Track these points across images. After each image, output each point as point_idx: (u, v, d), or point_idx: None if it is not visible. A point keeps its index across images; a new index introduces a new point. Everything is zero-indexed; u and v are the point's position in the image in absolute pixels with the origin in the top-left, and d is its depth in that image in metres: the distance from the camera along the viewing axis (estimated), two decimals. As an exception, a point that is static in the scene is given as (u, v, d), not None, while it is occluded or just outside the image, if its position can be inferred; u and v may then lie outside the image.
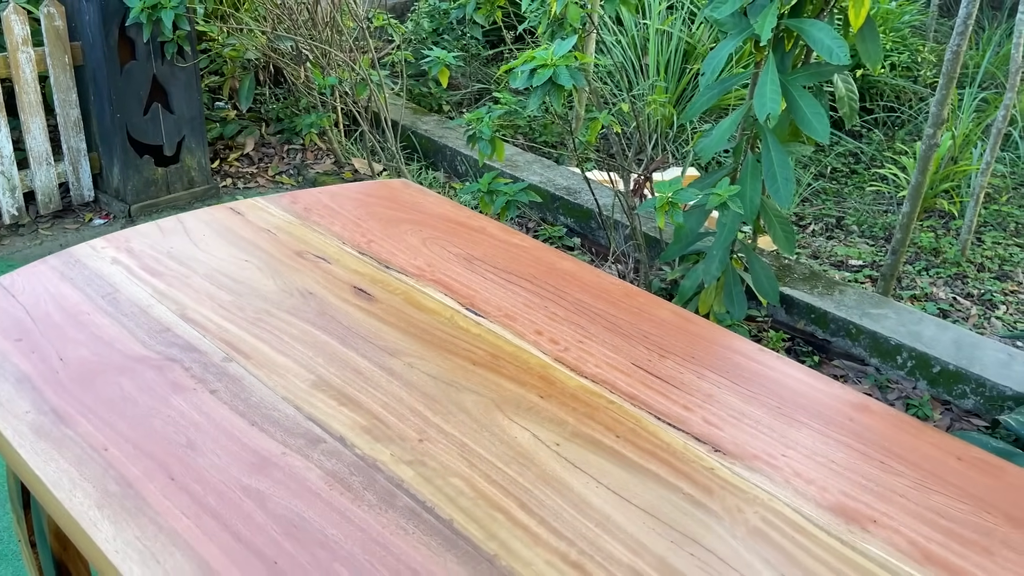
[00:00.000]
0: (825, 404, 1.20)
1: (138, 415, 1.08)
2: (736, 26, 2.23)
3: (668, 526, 0.98)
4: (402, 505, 0.98)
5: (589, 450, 1.08)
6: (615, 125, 2.21)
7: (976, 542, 0.98)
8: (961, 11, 2.90)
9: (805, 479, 1.06)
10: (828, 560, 0.95)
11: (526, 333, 1.31)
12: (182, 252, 1.45)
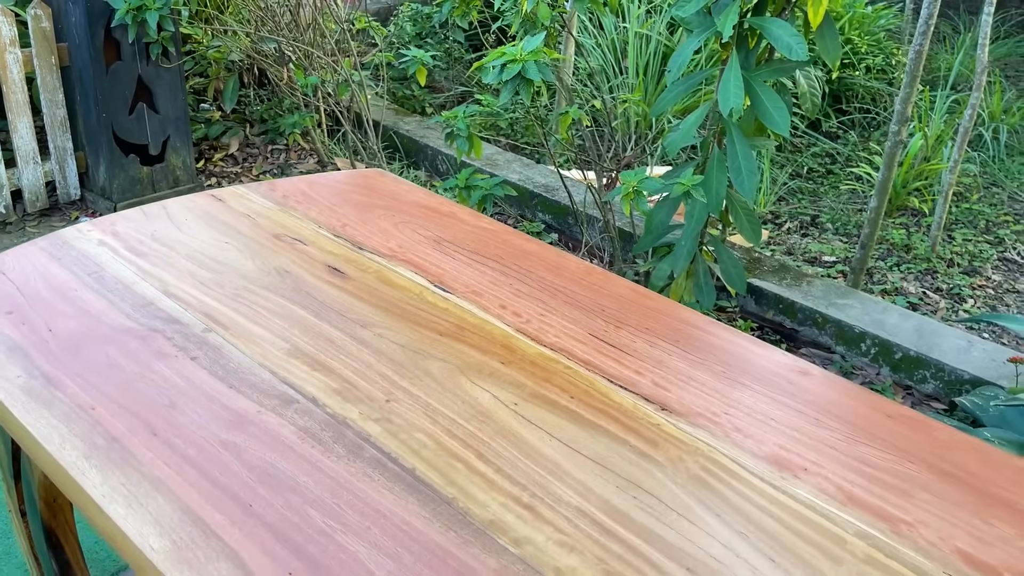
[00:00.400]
0: (768, 369, 1.28)
1: (123, 379, 1.16)
2: (701, 24, 2.32)
3: (615, 473, 1.06)
4: (368, 456, 1.06)
5: (545, 409, 1.16)
6: (584, 120, 2.29)
7: (896, 487, 1.07)
8: (923, 12, 3.00)
9: (744, 433, 1.14)
10: (760, 502, 1.03)
11: (491, 307, 1.39)
12: (165, 235, 1.53)
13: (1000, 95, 5.25)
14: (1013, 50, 6.62)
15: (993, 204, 4.29)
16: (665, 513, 1.01)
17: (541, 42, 1.98)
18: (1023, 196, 4.51)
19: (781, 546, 0.97)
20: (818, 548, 0.97)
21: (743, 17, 2.31)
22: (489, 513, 0.99)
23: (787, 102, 2.44)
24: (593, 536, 0.97)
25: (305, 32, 3.62)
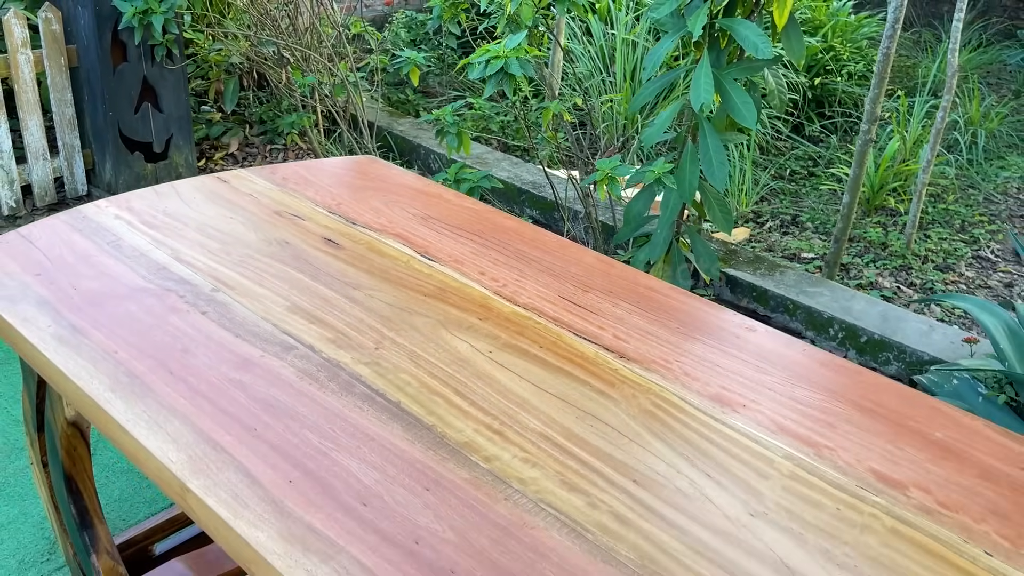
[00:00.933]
0: (719, 326, 1.43)
1: (141, 329, 1.31)
2: (674, 26, 2.48)
3: (575, 407, 1.21)
4: (359, 392, 1.21)
5: (516, 356, 1.31)
6: (565, 114, 2.44)
7: (823, 420, 1.22)
8: (889, 16, 3.17)
9: (692, 377, 1.29)
10: (701, 431, 1.18)
11: (471, 273, 1.54)
12: (175, 211, 1.68)
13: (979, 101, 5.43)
14: (994, 57, 6.80)
15: (969, 205, 4.45)
16: (617, 438, 1.15)
17: (522, 40, 2.14)
18: (999, 198, 4.68)
19: (716, 464, 1.12)
20: (749, 466, 1.12)
21: (714, 19, 2.47)
22: (463, 437, 1.13)
23: (756, 99, 2.60)
24: (553, 455, 1.11)
25: (303, 36, 3.78)
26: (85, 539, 1.63)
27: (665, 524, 1.02)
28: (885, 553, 1.00)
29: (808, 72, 5.40)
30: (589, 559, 0.96)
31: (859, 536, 1.02)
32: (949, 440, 1.20)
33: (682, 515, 1.03)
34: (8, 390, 2.45)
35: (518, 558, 0.96)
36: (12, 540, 1.98)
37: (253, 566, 0.96)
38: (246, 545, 0.96)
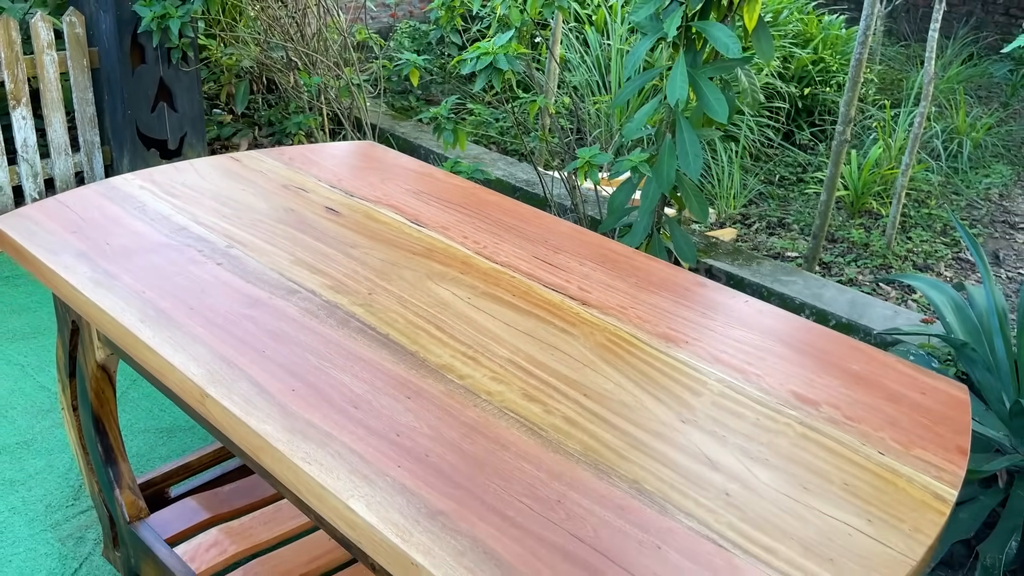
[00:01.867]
0: (673, 282, 1.62)
1: (165, 275, 1.50)
2: (652, 28, 2.68)
3: (539, 340, 1.40)
4: (354, 326, 1.40)
5: (491, 302, 1.50)
6: (550, 107, 2.64)
7: (754, 353, 1.41)
8: (861, 25, 3.37)
9: (643, 320, 1.48)
10: (647, 359, 1.37)
11: (455, 237, 1.73)
12: (194, 183, 1.88)
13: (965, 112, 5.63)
14: (983, 71, 7.01)
15: (953, 210, 4.64)
16: (574, 364, 1.34)
17: (510, 38, 2.34)
18: (981, 204, 4.87)
19: (657, 384, 1.31)
20: (684, 386, 1.31)
21: (689, 21, 2.67)
22: (442, 360, 1.33)
23: (730, 97, 2.80)
24: (518, 375, 1.30)
25: (310, 42, 4.00)
26: (110, 475, 1.82)
27: (608, 426, 1.21)
28: (794, 451, 1.19)
29: (799, 83, 5.61)
30: (542, 450, 1.15)
31: (773, 439, 1.21)
32: (863, 371, 1.39)
33: (623, 420, 1.22)
34: (33, 360, 2.65)
35: (483, 448, 1.15)
36: (40, 488, 2.17)
37: (261, 453, 1.15)
38: (255, 435, 1.15)
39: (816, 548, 1.03)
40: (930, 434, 1.25)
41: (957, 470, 1.18)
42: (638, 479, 1.11)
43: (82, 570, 1.94)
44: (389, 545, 1.00)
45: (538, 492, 1.08)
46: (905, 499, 1.12)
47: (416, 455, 1.13)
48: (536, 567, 0.97)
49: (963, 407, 1.32)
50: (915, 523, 1.08)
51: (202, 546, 1.81)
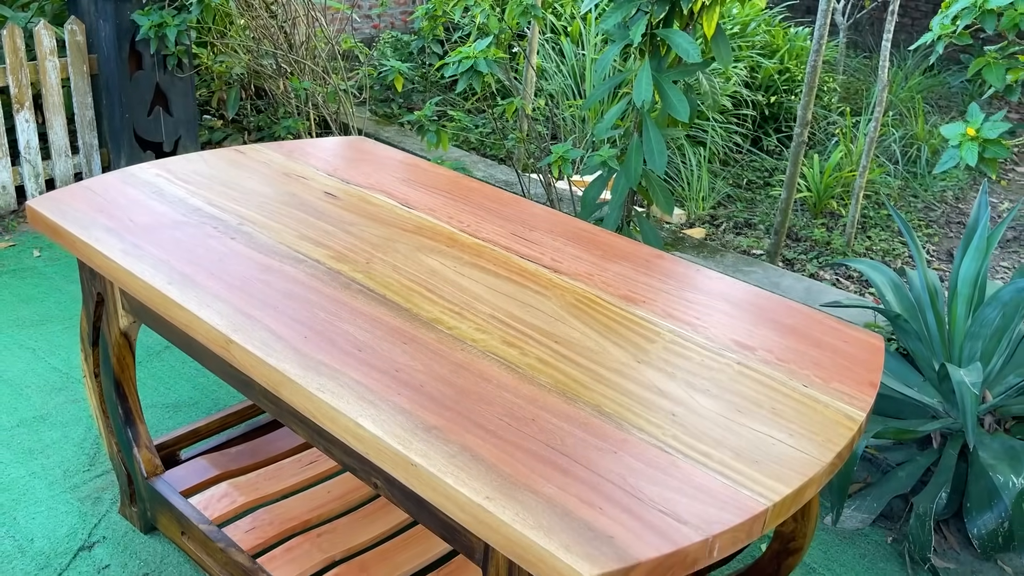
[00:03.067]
0: (635, 255, 1.84)
1: (186, 247, 1.70)
2: (620, 35, 2.91)
3: (517, 300, 1.61)
4: (355, 288, 1.60)
5: (475, 270, 1.71)
6: (527, 107, 2.86)
7: (702, 311, 1.63)
8: (815, 34, 3.62)
9: (607, 284, 1.70)
10: (609, 314, 1.58)
11: (442, 217, 1.94)
12: (204, 172, 2.08)
13: (924, 120, 5.92)
14: (942, 81, 7.33)
15: (910, 211, 4.91)
16: (547, 318, 1.56)
17: (489, 44, 2.56)
18: (937, 206, 5.14)
19: (617, 334, 1.53)
20: (642, 336, 1.53)
21: (654, 29, 2.91)
22: (432, 315, 1.53)
23: (691, 99, 3.03)
24: (499, 328, 1.52)
25: (299, 50, 4.20)
26: (129, 435, 2.01)
27: (574, 365, 1.42)
28: (731, 384, 1.41)
29: (766, 91, 5.88)
30: (519, 382, 1.36)
31: (714, 375, 1.43)
32: (795, 324, 1.61)
33: (588, 361, 1.44)
34: (43, 344, 2.83)
35: (469, 381, 1.36)
36: (57, 455, 2.35)
37: (280, 387, 1.36)
38: (276, 372, 1.36)
39: (745, 454, 1.25)
40: (847, 372, 1.47)
41: (867, 398, 1.40)
42: (599, 404, 1.33)
43: (101, 525, 2.12)
44: (392, 451, 1.20)
45: (515, 413, 1.29)
46: (821, 419, 1.34)
47: (412, 386, 1.34)
48: (514, 465, 1.18)
49: (878, 352, 1.54)
50: (828, 436, 1.30)
51: (214, 497, 2.00)
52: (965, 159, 1.55)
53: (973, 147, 1.50)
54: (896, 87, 6.58)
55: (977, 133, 1.47)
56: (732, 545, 1.12)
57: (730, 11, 6.19)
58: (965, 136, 1.52)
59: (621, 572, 1.03)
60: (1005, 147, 1.53)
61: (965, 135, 1.51)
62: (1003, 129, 1.48)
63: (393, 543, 1.94)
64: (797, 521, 1.71)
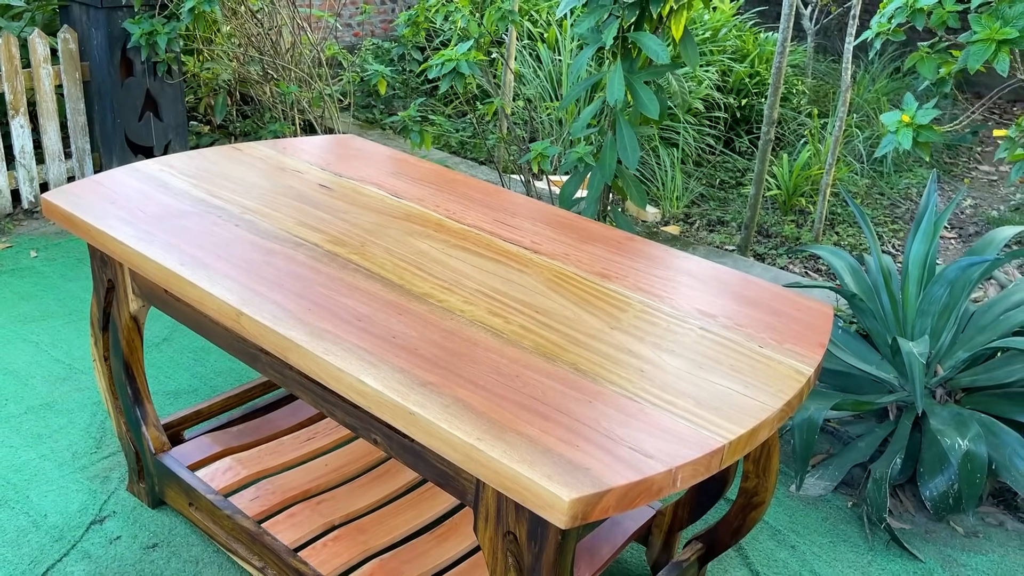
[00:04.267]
0: (609, 238, 2.00)
1: (194, 234, 1.84)
2: (593, 38, 3.08)
3: (500, 276, 1.76)
4: (351, 268, 1.75)
5: (461, 251, 1.87)
6: (506, 107, 3.02)
7: (669, 285, 1.79)
8: (780, 35, 3.81)
9: (584, 263, 1.86)
10: (586, 288, 1.74)
11: (429, 206, 2.09)
12: (205, 167, 2.22)
13: (887, 119, 6.15)
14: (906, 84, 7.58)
15: (876, 208, 5.11)
16: (528, 292, 1.71)
17: (470, 47, 2.72)
18: (902, 202, 5.35)
19: (591, 304, 1.68)
20: (613, 306, 1.68)
21: (625, 32, 3.07)
22: (423, 291, 1.68)
23: (662, 99, 3.20)
24: (484, 300, 1.67)
25: (284, 56, 4.34)
26: (137, 414, 2.14)
27: (553, 331, 1.58)
28: (694, 345, 1.57)
29: (737, 95, 6.08)
30: (504, 346, 1.52)
31: (679, 338, 1.59)
32: (754, 296, 1.78)
33: (565, 327, 1.59)
34: (46, 338, 2.95)
35: (458, 345, 1.51)
36: (64, 439, 2.47)
37: (288, 352, 1.50)
38: (284, 339, 1.50)
39: (706, 402, 1.40)
40: (799, 335, 1.64)
41: (816, 356, 1.56)
42: (576, 363, 1.48)
43: (110, 502, 2.25)
44: (392, 403, 1.35)
45: (501, 371, 1.44)
46: (775, 373, 1.50)
47: (408, 349, 1.48)
48: (501, 413, 1.33)
49: (827, 318, 1.71)
50: (779, 387, 1.46)
51: (218, 470, 2.13)
52: (902, 143, 1.72)
53: (908, 132, 1.67)
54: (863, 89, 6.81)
55: (911, 120, 1.64)
56: (693, 476, 1.27)
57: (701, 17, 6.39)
58: (901, 123, 1.69)
59: (596, 496, 1.19)
60: (936, 132, 1.69)
61: (901, 122, 1.68)
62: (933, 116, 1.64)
63: (389, 508, 2.08)
64: (759, 477, 1.87)
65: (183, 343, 2.99)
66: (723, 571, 2.20)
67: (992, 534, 2.40)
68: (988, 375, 2.51)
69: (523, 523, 1.35)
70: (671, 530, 2.08)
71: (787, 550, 2.29)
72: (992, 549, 2.34)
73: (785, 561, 2.25)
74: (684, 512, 2.04)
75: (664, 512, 2.08)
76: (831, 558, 2.27)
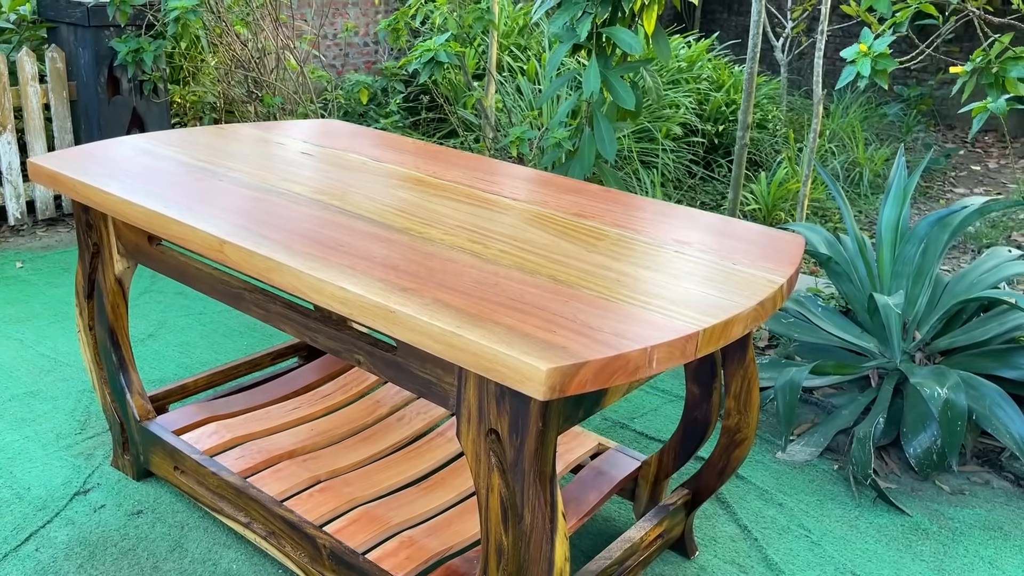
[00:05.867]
0: (587, 191, 2.05)
1: (181, 187, 1.88)
2: (568, 36, 3.17)
3: (481, 216, 1.80)
4: (334, 209, 1.79)
5: (442, 199, 1.91)
6: (485, 100, 3.09)
7: (641, 221, 1.83)
8: (750, 41, 3.91)
9: (562, 207, 1.90)
10: (562, 224, 1.78)
11: (410, 167, 2.14)
12: (190, 140, 2.26)
13: (864, 146, 6.32)
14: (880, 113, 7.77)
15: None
16: (507, 227, 1.75)
17: (447, 38, 2.80)
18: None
19: (569, 235, 1.72)
20: (591, 236, 1.72)
21: (600, 28, 3.17)
22: (404, 226, 1.72)
23: (637, 95, 3.29)
24: (465, 234, 1.70)
25: (269, 75, 4.44)
26: (122, 381, 2.14)
27: (532, 254, 1.61)
28: (669, 264, 1.60)
29: (715, 122, 6.22)
30: (484, 263, 1.55)
31: (655, 258, 1.62)
32: (730, 230, 1.82)
33: (544, 251, 1.63)
34: (30, 336, 2.95)
35: (438, 263, 1.54)
36: (48, 422, 2.47)
37: (271, 272, 1.53)
38: (267, 260, 1.53)
39: (681, 301, 1.44)
40: (772, 256, 1.68)
41: (788, 271, 1.60)
42: (554, 275, 1.52)
43: (94, 476, 2.24)
44: (373, 304, 1.38)
45: (481, 280, 1.47)
46: (748, 282, 1.54)
47: (389, 266, 1.51)
48: (480, 309, 1.36)
49: (798, 245, 1.75)
50: (752, 292, 1.50)
51: (204, 434, 2.13)
52: (861, 72, 1.79)
53: (867, 61, 1.73)
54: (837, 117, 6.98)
55: (869, 49, 1.70)
56: (668, 358, 1.30)
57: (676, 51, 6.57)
58: (859, 53, 1.75)
59: (573, 367, 1.21)
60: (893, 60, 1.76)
61: (859, 52, 1.75)
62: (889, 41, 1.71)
63: (375, 465, 2.08)
64: (741, 413, 1.89)
65: (168, 338, 3.00)
66: (711, 527, 2.20)
67: (978, 491, 2.41)
68: (966, 335, 2.55)
69: (504, 417, 1.36)
70: (657, 479, 2.09)
71: (775, 507, 2.29)
72: (979, 504, 2.35)
73: (773, 517, 2.25)
74: (669, 458, 2.05)
75: (649, 462, 2.09)
76: (819, 514, 2.28)
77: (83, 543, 2.00)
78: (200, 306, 3.28)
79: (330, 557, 1.77)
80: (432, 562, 1.77)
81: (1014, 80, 1.72)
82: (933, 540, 2.21)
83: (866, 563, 2.11)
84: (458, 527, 1.87)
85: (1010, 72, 1.68)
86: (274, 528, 1.89)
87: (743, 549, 2.13)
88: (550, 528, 1.36)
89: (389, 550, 1.76)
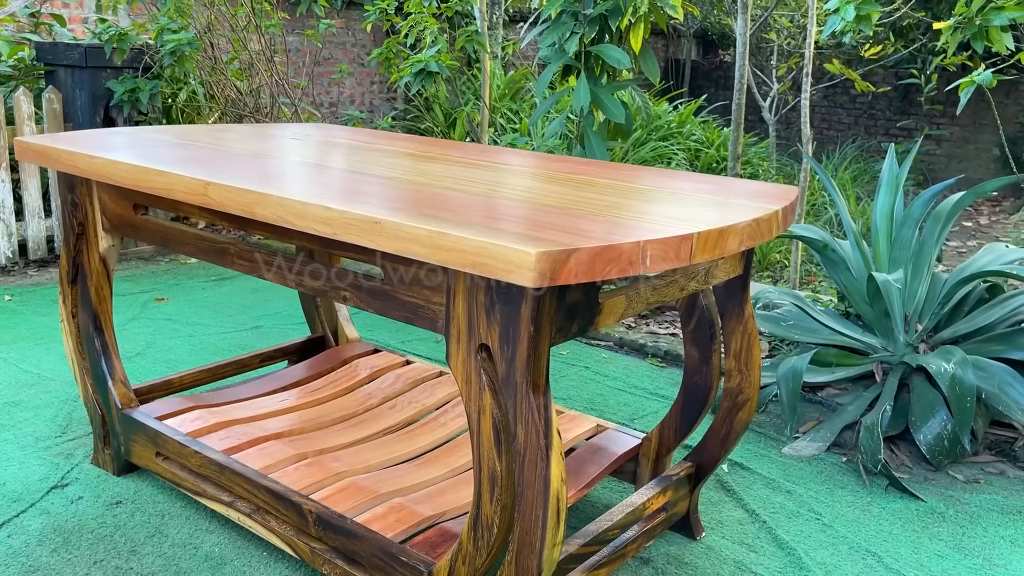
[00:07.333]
0: (576, 161, 2.04)
1: (164, 152, 1.86)
2: (556, 57, 3.22)
3: (466, 173, 1.78)
4: (319, 167, 1.77)
5: (433, 164, 1.89)
6: (475, 116, 3.12)
7: (591, 172, 1.81)
8: (736, 74, 3.97)
9: (552, 168, 1.88)
10: (554, 175, 1.76)
11: (399, 148, 2.13)
12: (177, 131, 2.26)
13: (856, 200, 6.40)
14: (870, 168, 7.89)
15: (840, 256, 5.18)
16: (494, 180, 1.73)
17: (437, 50, 2.84)
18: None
19: (559, 182, 1.69)
20: (582, 184, 1.70)
21: (588, 47, 3.22)
22: (391, 176, 1.70)
23: (628, 115, 3.32)
24: (452, 182, 1.68)
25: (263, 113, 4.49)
26: (104, 369, 2.08)
27: (520, 192, 1.58)
28: (664, 198, 1.57)
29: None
30: (476, 198, 1.52)
31: (647, 195, 1.59)
32: (728, 186, 1.80)
33: (533, 193, 1.60)
34: (15, 355, 2.89)
35: (426, 195, 1.51)
36: (29, 427, 2.38)
37: (255, 206, 1.49)
38: (250, 193, 1.50)
39: (677, 218, 1.40)
40: (767, 198, 1.65)
41: (784, 204, 1.57)
42: (545, 203, 1.48)
43: (73, 472, 2.15)
44: (358, 218, 1.34)
45: (467, 204, 1.44)
46: (743, 209, 1.50)
47: (374, 196, 1.48)
48: (467, 218, 1.32)
49: (793, 192, 1.73)
50: (747, 214, 1.46)
51: (187, 418, 2.06)
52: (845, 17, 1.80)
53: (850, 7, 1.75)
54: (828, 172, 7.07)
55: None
56: (662, 257, 1.26)
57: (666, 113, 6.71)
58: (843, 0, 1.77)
59: (563, 253, 1.16)
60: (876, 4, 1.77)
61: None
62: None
63: (365, 445, 2.00)
64: (742, 373, 1.83)
65: (156, 356, 2.94)
66: (717, 511, 2.11)
67: (993, 480, 2.32)
68: (968, 323, 2.50)
69: (495, 328, 1.31)
70: (659, 455, 2.00)
71: (783, 495, 2.20)
72: (995, 492, 2.26)
73: (782, 503, 2.16)
74: (670, 431, 1.97)
75: (650, 437, 2.01)
76: (829, 500, 2.18)
77: (58, 531, 1.91)
78: (189, 329, 3.22)
79: (316, 523, 1.68)
80: (423, 526, 1.68)
81: (997, 30, 1.72)
82: (950, 522, 2.11)
83: (882, 542, 2.01)
84: (452, 495, 1.78)
85: (993, 21, 1.69)
86: (259, 503, 1.80)
87: (751, 531, 2.03)
88: (545, 444, 1.28)
89: (379, 513, 1.67)
